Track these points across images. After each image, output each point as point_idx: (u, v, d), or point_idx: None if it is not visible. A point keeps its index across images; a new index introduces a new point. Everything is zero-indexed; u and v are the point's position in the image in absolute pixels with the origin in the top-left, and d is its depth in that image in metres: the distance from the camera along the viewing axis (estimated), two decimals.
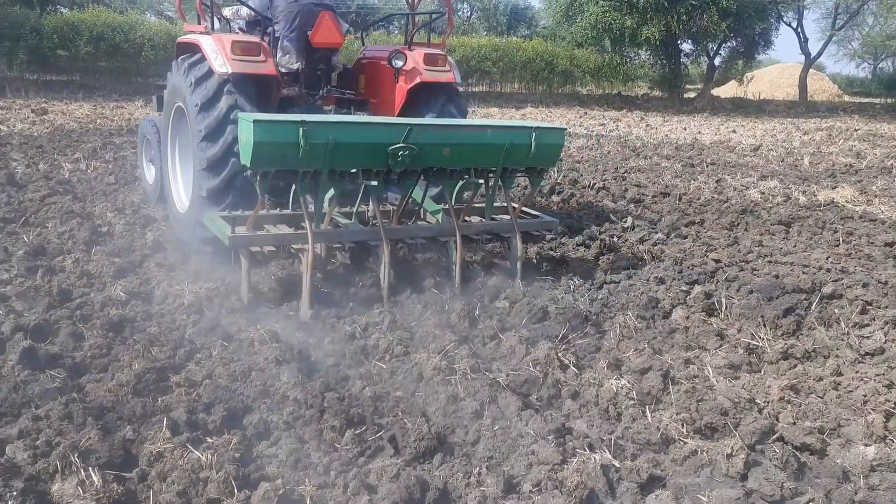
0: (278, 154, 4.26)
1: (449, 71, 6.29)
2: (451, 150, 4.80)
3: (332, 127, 4.41)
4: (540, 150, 5.05)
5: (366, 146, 4.53)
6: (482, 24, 43.44)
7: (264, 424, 3.11)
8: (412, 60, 6.17)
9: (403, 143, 4.52)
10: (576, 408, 3.39)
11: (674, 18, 25.78)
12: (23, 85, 20.91)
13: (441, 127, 4.98)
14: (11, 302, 4.34)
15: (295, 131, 4.21)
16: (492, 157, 4.97)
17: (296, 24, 6.22)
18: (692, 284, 5.13)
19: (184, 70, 5.66)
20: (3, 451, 2.77)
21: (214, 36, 5.60)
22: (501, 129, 4.98)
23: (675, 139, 16.11)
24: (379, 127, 4.72)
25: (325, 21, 6.13)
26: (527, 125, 5.07)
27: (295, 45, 6.25)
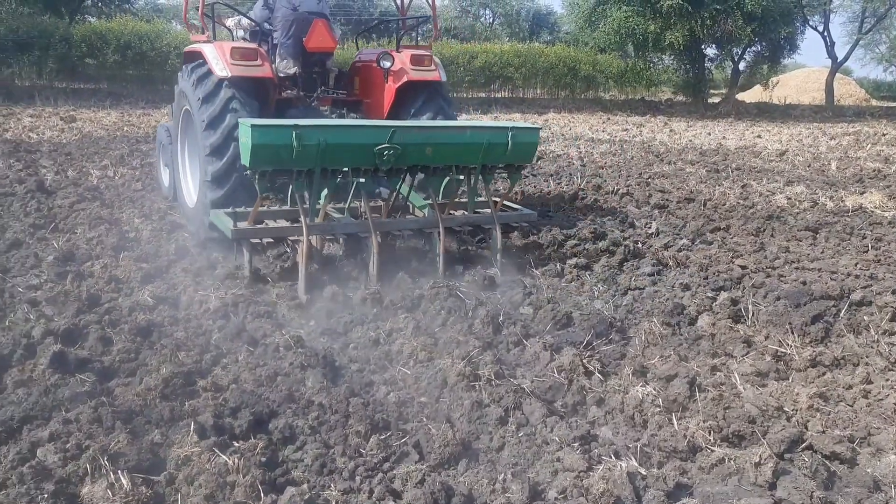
0: (274, 155, 4.70)
1: (434, 70, 6.69)
2: (433, 150, 5.25)
3: (322, 130, 4.84)
4: (516, 149, 5.53)
5: (354, 146, 4.97)
6: (504, 30, 43.45)
7: (290, 429, 3.13)
8: (399, 61, 6.62)
9: (388, 144, 4.96)
10: (601, 415, 3.37)
11: (698, 23, 25.60)
12: (52, 93, 21.27)
13: (423, 128, 5.45)
14: (42, 307, 4.41)
15: (289, 134, 4.64)
16: (472, 155, 5.44)
17: (292, 31, 6.68)
18: (718, 291, 5.09)
19: (188, 75, 6.19)
20: (34, 454, 2.81)
21: (216, 44, 6.09)
22: (480, 130, 5.46)
23: (700, 144, 15.99)
24: (366, 129, 5.13)
25: (319, 28, 6.60)
26: (503, 125, 5.55)
27: (291, 50, 6.70)
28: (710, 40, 28.74)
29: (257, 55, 6.06)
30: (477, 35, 38.49)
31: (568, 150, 13.98)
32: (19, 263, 5.30)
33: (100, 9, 30.77)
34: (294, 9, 6.68)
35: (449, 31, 38.83)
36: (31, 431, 2.98)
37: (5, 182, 8.29)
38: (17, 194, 7.56)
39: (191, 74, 6.14)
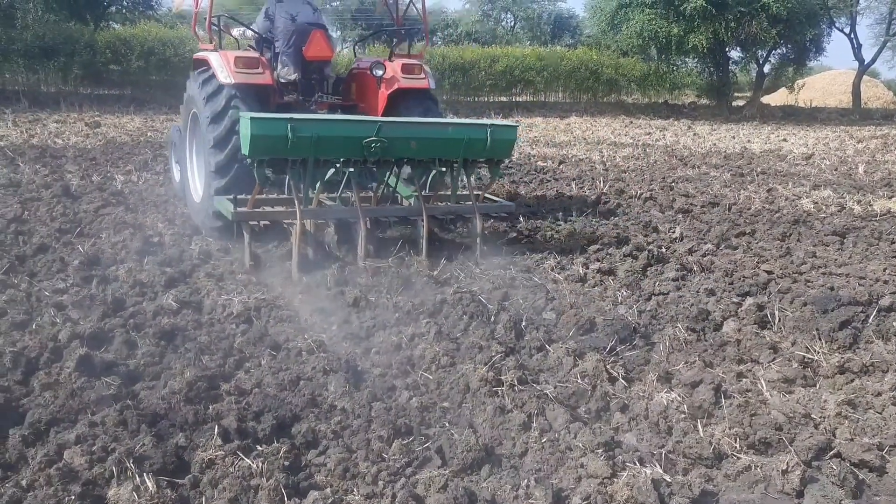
0: (271, 145, 5.20)
1: (424, 78, 7.18)
2: (417, 143, 5.72)
3: (315, 123, 5.37)
4: (495, 144, 5.97)
5: (344, 139, 5.47)
6: (526, 33, 43.39)
7: (313, 433, 3.13)
8: (391, 70, 7.12)
9: (375, 137, 5.44)
10: (625, 421, 3.34)
11: (722, 26, 25.39)
12: (77, 99, 21.56)
13: (408, 123, 5.98)
14: (68, 311, 4.46)
15: (284, 126, 5.14)
16: (454, 150, 5.92)
17: (292, 41, 7.18)
18: (744, 296, 5.03)
19: (195, 81, 6.70)
20: (61, 456, 2.83)
21: (221, 52, 6.58)
22: (461, 126, 6.04)
23: (724, 148, 15.85)
24: (355, 123, 5.70)
25: (317, 38, 7.11)
26: (483, 122, 6.07)
27: (292, 58, 7.21)
28: (734, 43, 28.51)
29: (259, 63, 6.55)
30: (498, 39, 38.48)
31: (590, 155, 13.92)
32: (46, 268, 5.36)
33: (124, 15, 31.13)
34: (293, 20, 7.19)
35: (470, 35, 38.88)
36: (58, 434, 3.01)
37: (32, 187, 8.41)
38: (44, 199, 7.67)
39: (198, 79, 6.65)
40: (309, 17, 7.33)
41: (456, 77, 28.67)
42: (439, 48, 32.02)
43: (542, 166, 11.86)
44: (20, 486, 2.69)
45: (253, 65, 6.48)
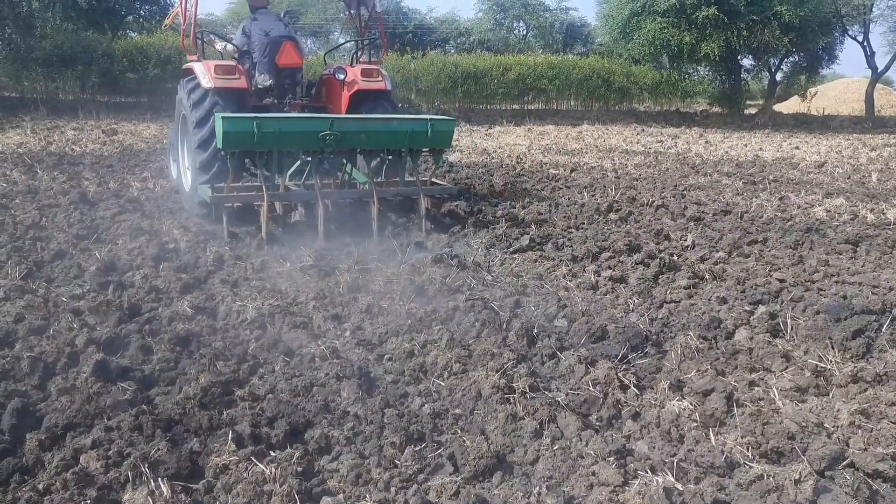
0: (240, 140, 6.23)
1: (381, 80, 8.28)
2: (366, 136, 6.81)
3: (277, 120, 6.41)
4: (435, 136, 7.02)
5: (302, 133, 6.49)
6: (538, 41, 43.41)
7: (326, 439, 3.16)
8: (352, 74, 8.25)
9: (329, 131, 6.45)
10: (637, 429, 3.35)
11: (734, 34, 25.34)
12: (94, 107, 21.79)
13: (357, 118, 7.03)
14: (84, 316, 4.51)
15: (251, 123, 6.18)
16: (399, 140, 6.97)
17: (266, 52, 8.26)
18: (756, 304, 5.02)
19: (184, 88, 7.78)
20: (77, 461, 2.87)
21: (204, 62, 7.66)
22: (405, 120, 7.09)
23: (736, 156, 15.81)
24: (311, 119, 6.84)
25: (287, 48, 8.26)
26: (424, 117, 7.07)
27: (266, 67, 8.27)
28: (746, 51, 28.46)
29: (235, 70, 7.62)
30: (510, 47, 38.51)
31: (602, 162, 13.92)
32: (63, 273, 5.43)
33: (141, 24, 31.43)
34: (267, 34, 8.30)
35: (483, 44, 38.92)
36: (74, 438, 3.05)
37: (50, 193, 8.51)
38: (61, 205, 7.76)
39: (186, 87, 7.74)
40: (281, 31, 8.41)
41: (469, 85, 28.73)
42: (452, 56, 32.12)
43: (554, 174, 11.87)
44: (37, 490, 2.73)
45: (230, 71, 7.54)
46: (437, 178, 8.43)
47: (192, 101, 7.44)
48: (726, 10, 24.78)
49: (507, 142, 18.66)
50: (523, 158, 14.45)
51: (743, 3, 24.77)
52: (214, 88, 7.35)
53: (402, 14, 40.59)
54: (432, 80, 28.31)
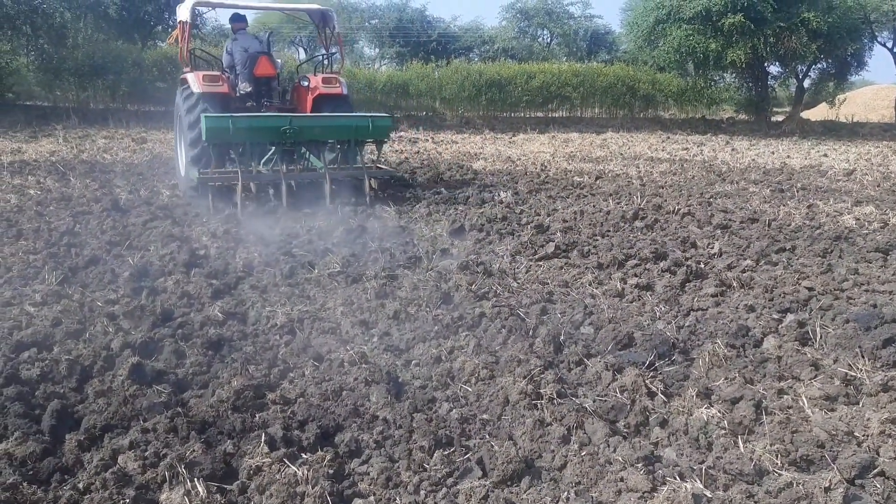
0: (219, 134, 8.13)
1: (338, 87, 10.14)
2: (319, 130, 8.95)
3: (248, 118, 8.42)
4: (375, 129, 9.11)
5: (267, 128, 8.50)
6: (562, 49, 43.35)
7: (356, 443, 3.21)
8: (314, 81, 10.17)
9: (289, 126, 8.42)
10: (665, 436, 3.35)
11: (760, 41, 25.12)
12: (124, 115, 22.15)
13: (312, 116, 9.34)
14: (119, 321, 4.61)
15: (227, 121, 8.11)
16: (346, 133, 9.07)
17: (246, 64, 10.05)
18: (784, 313, 4.99)
19: (180, 94, 9.66)
20: (115, 461, 2.95)
21: (195, 73, 9.52)
22: (350, 118, 9.20)
23: (763, 163, 15.69)
24: (275, 117, 8.73)
25: (263, 61, 10.06)
26: (366, 115, 9.21)
27: (246, 77, 10.05)
28: (773, 58, 28.16)
29: (219, 79, 9.49)
30: (535, 55, 38.47)
31: (627, 170, 13.88)
32: (97, 279, 5.55)
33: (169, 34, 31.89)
34: (246, 50, 10.11)
35: (507, 52, 38.93)
36: (112, 439, 3.13)
37: (83, 201, 8.68)
38: (94, 213, 7.92)
39: (182, 94, 9.58)
40: (258, 47, 10.26)
41: (493, 93, 28.77)
42: (476, 64, 32.18)
43: (578, 181, 11.86)
44: (77, 489, 2.81)
45: (215, 80, 9.44)
46: (380, 164, 10.27)
47: (186, 105, 9.27)
48: (753, 16, 24.59)
49: (532, 149, 18.68)
50: (548, 166, 14.46)
51: (770, 10, 24.57)
52: (202, 93, 9.17)
53: (427, 23, 40.72)
54: (456, 89, 28.39)
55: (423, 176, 12.26)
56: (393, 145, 19.22)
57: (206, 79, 9.34)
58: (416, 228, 7.82)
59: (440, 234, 7.53)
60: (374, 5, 42.06)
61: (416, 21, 40.15)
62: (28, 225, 7.24)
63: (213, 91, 9.24)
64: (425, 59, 33.60)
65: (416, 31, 39.71)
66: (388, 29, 39.99)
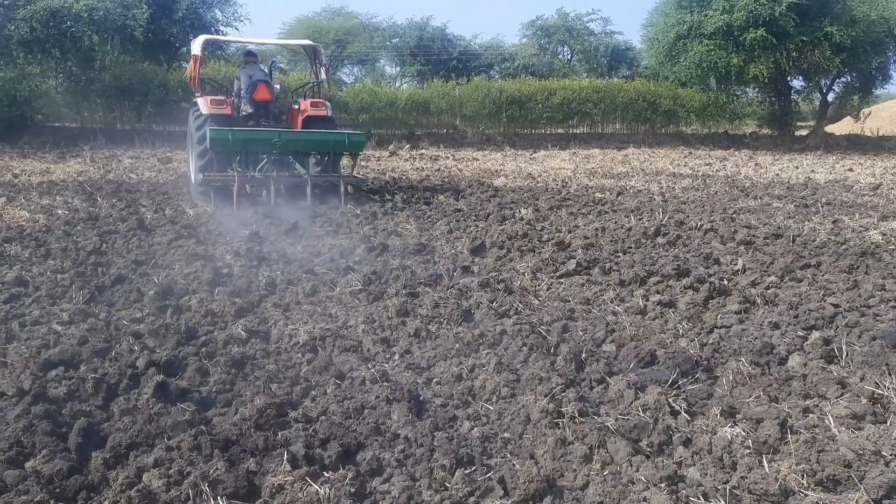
0: (221, 144, 9.99)
1: (324, 110, 11.96)
2: (303, 143, 10.90)
3: (244, 132, 10.38)
4: (351, 144, 10.96)
5: (259, 140, 10.34)
6: (582, 66, 43.41)
7: (377, 461, 3.22)
8: (304, 105, 12.01)
9: (277, 139, 10.23)
10: (688, 455, 3.32)
11: (783, 55, 25.01)
12: (150, 136, 22.50)
13: (297, 132, 11.24)
14: (144, 339, 4.67)
15: (227, 133, 10.02)
16: (325, 146, 11.01)
17: (248, 90, 11.77)
18: (809, 330, 4.94)
19: (192, 115, 11.64)
20: (140, 479, 2.98)
21: (203, 97, 11.47)
22: (329, 133, 11.13)
23: (787, 178, 15.56)
24: (266, 132, 10.51)
25: (262, 88, 11.77)
26: (343, 132, 11.46)
27: (248, 101, 11.73)
28: (796, 72, 28.03)
29: (224, 103, 11.38)
30: (555, 72, 38.54)
31: (649, 186, 13.84)
32: (123, 297, 5.63)
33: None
34: (250, 77, 11.87)
35: (527, 69, 39.04)
36: (136, 457, 3.17)
37: (109, 220, 8.82)
38: (120, 232, 8.04)
39: (193, 114, 11.55)
40: (259, 76, 12.04)
41: (513, 110, 28.86)
42: (496, 82, 32.31)
43: (600, 198, 11.84)
44: None
45: (220, 103, 11.32)
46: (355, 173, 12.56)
47: (196, 124, 11.11)
48: (775, 31, 24.49)
49: (553, 166, 18.68)
50: (569, 182, 14.45)
51: (792, 25, 24.45)
52: (210, 114, 11.02)
53: (447, 41, 40.98)
54: (477, 106, 28.51)
55: (443, 193, 12.31)
56: (414, 163, 19.32)
57: (213, 102, 11.25)
58: (437, 246, 7.84)
59: (461, 251, 7.54)
60: (394, 24, 42.48)
61: (436, 39, 40.43)
62: (56, 244, 7.37)
63: (218, 112, 11.10)
64: (446, 77, 33.79)
65: (436, 50, 39.96)
66: (408, 47, 40.30)
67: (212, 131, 9.99)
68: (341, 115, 27.50)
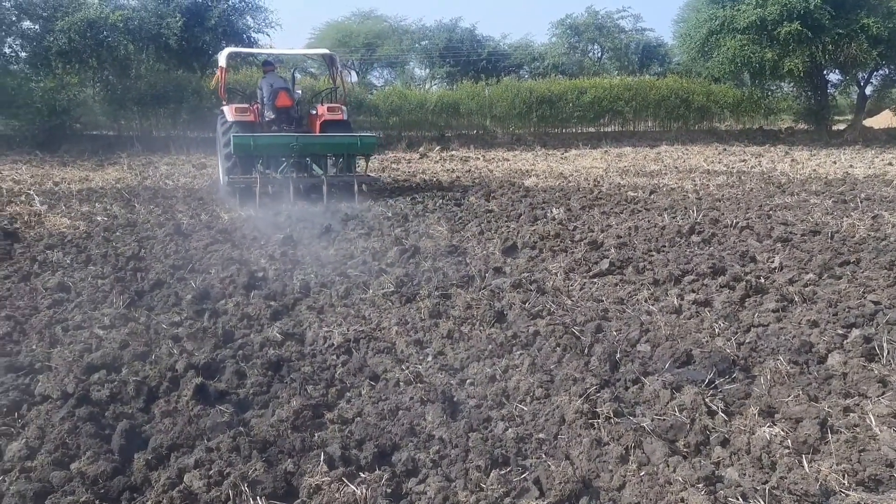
0: (244, 148, 11.02)
1: (340, 114, 12.83)
2: (319, 146, 11.97)
3: (265, 137, 11.53)
4: (363, 146, 12.11)
5: (279, 144, 11.40)
6: (613, 63, 43.09)
7: (412, 462, 3.24)
8: (321, 110, 12.94)
9: (295, 143, 11.28)
10: (726, 455, 3.29)
11: (818, 48, 24.57)
12: (185, 142, 22.87)
13: (314, 135, 12.36)
14: (183, 342, 4.76)
15: (250, 139, 11.09)
16: (339, 148, 12.08)
17: (269, 97, 12.67)
18: (849, 328, 4.85)
19: (219, 121, 12.62)
20: (181, 479, 3.03)
21: (229, 106, 12.54)
22: (343, 136, 12.15)
23: (825, 174, 15.28)
24: (285, 136, 11.57)
25: (282, 95, 12.65)
26: (356, 135, 12.34)
27: (270, 108, 12.67)
28: (832, 66, 27.52)
29: (248, 111, 12.44)
30: (585, 70, 38.29)
31: (682, 183, 13.70)
32: (162, 302, 5.73)
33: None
34: (271, 86, 12.79)
35: (557, 68, 38.87)
36: (178, 458, 3.23)
37: (147, 226, 8.99)
38: (158, 237, 8.19)
39: (220, 120, 12.59)
40: (280, 84, 13.03)
41: (543, 109, 28.77)
42: (526, 82, 32.23)
43: (632, 196, 11.75)
44: None
45: (244, 111, 12.38)
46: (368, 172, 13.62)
47: (222, 130, 12.21)
48: (810, 24, 24.09)
49: (584, 165, 18.58)
50: (601, 181, 14.36)
51: (827, 17, 24.02)
52: (234, 121, 12.07)
53: (476, 42, 40.97)
54: (507, 106, 28.48)
55: (474, 194, 12.32)
56: (444, 164, 19.35)
57: (238, 110, 12.30)
58: (469, 247, 7.86)
59: (492, 252, 7.55)
60: (424, 27, 42.59)
61: (465, 41, 40.44)
62: (96, 250, 7.53)
63: (242, 119, 12.17)
64: (475, 78, 33.82)
65: (465, 51, 39.98)
66: (438, 49, 40.38)
67: (235, 137, 10.96)
68: (371, 119, 27.71)
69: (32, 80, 23.06)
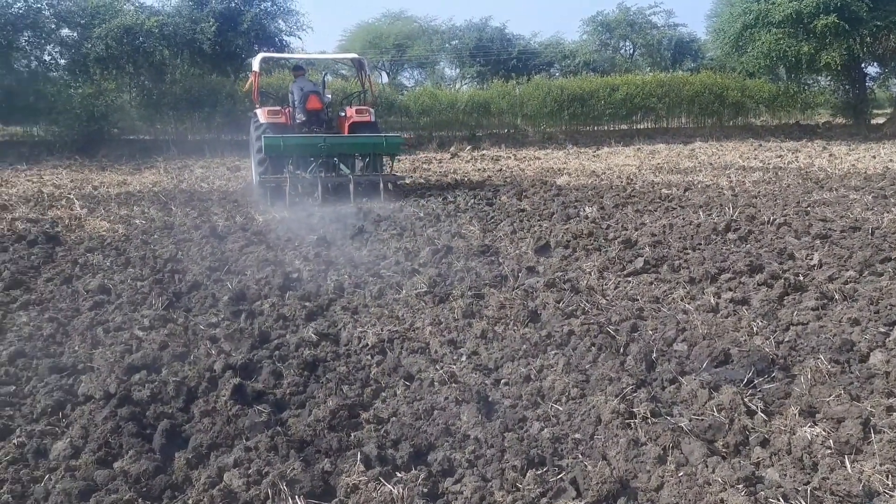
0: (274, 149, 11.68)
1: (367, 116, 13.31)
2: (346, 146, 12.46)
3: (294, 138, 12.11)
4: (388, 146, 12.67)
5: (308, 145, 11.96)
6: (645, 60, 42.70)
7: (448, 462, 3.25)
8: (350, 112, 13.44)
9: (323, 143, 11.83)
10: (766, 456, 3.24)
11: (856, 41, 24.07)
12: (219, 145, 23.15)
13: (341, 136, 12.77)
14: (221, 343, 4.83)
15: (279, 140, 11.73)
16: (365, 148, 12.58)
17: (300, 101, 13.15)
18: (892, 326, 4.74)
19: (253, 123, 13.11)
20: (221, 478, 3.08)
21: (262, 109, 12.95)
22: (369, 137, 12.69)
23: (864, 169, 14.97)
24: (313, 137, 12.16)
25: (313, 98, 13.17)
26: (381, 135, 12.99)
27: (301, 110, 13.13)
28: (871, 58, 26.97)
29: (279, 113, 12.92)
30: (617, 67, 37.99)
31: (717, 180, 13.52)
32: (199, 303, 5.82)
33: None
34: (302, 90, 13.27)
35: (588, 65, 38.63)
36: (217, 458, 3.28)
37: (183, 228, 9.13)
38: (194, 240, 8.31)
39: (253, 124, 13.08)
40: (310, 88, 13.55)
41: (575, 107, 28.61)
42: (557, 80, 32.07)
43: (666, 194, 11.63)
44: None
45: (276, 113, 12.85)
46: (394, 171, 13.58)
47: (256, 133, 12.51)
48: (847, 17, 23.61)
49: (617, 162, 18.44)
50: (634, 179, 14.24)
51: (865, 9, 23.53)
52: (267, 123, 12.51)
53: (507, 41, 40.90)
54: (538, 105, 28.36)
55: (506, 193, 12.30)
56: (475, 164, 19.34)
57: (270, 113, 12.78)
58: (501, 247, 7.85)
59: (525, 251, 7.53)
60: (454, 27, 42.62)
61: (495, 40, 40.39)
62: (135, 253, 7.67)
63: (274, 122, 12.64)
64: (506, 77, 33.72)
65: (496, 50, 39.93)
66: (468, 49, 40.38)
67: (266, 138, 11.57)
68: (402, 119, 27.79)
69: (71, 87, 23.58)
